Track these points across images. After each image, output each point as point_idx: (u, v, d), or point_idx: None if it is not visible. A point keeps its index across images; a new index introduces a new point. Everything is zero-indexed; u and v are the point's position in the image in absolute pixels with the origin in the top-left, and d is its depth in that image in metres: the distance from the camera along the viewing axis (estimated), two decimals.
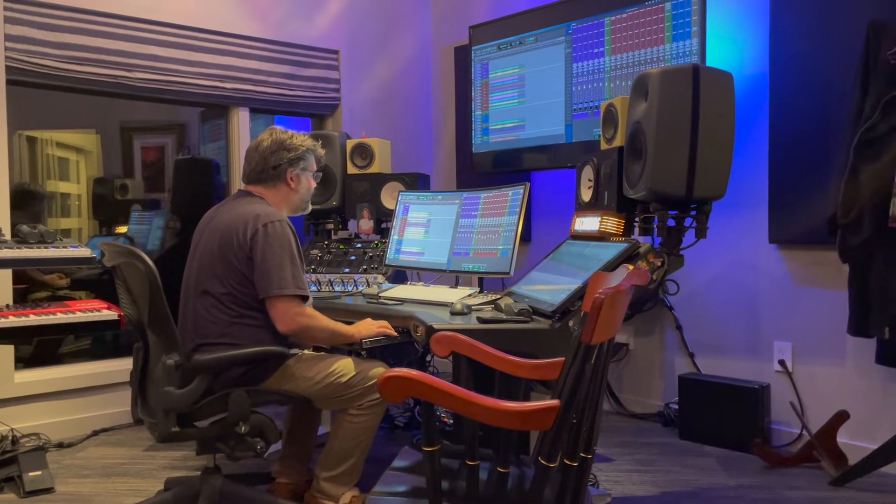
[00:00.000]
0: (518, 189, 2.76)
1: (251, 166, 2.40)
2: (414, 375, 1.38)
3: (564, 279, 2.46)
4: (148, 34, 3.65)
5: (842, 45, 2.86)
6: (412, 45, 4.80)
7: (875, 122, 2.52)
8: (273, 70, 4.11)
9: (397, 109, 4.73)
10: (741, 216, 3.27)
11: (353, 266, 3.31)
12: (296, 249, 2.26)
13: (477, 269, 2.81)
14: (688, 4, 3.16)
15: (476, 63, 4.18)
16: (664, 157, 2.35)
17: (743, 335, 3.36)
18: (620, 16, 3.44)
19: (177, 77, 3.74)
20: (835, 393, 3.03)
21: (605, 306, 1.32)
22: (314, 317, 2.26)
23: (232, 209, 2.32)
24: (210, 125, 4.98)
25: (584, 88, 3.65)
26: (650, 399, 3.72)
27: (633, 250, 2.41)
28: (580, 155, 3.27)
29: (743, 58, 3.28)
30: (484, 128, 4.18)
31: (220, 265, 2.23)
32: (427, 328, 2.16)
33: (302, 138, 2.44)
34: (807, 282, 3.13)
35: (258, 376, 2.24)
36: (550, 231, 3.99)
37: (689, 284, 3.47)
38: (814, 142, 2.99)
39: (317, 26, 4.33)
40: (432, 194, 3.19)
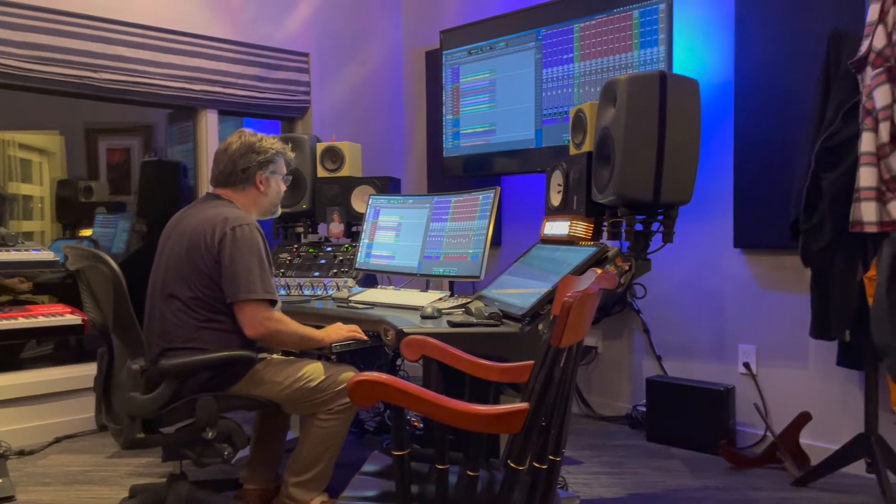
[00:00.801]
0: (488, 193, 2.77)
1: (220, 169, 2.37)
2: (384, 379, 1.37)
3: (534, 283, 2.48)
4: (115, 34, 3.60)
5: (804, 54, 2.93)
6: (383, 48, 4.80)
7: (836, 129, 2.58)
8: (242, 72, 4.08)
9: (368, 113, 4.72)
10: (707, 221, 3.32)
11: (322, 270, 3.29)
12: (264, 253, 2.24)
13: (447, 272, 2.82)
14: (655, 12, 3.21)
15: (447, 67, 4.20)
16: (632, 163, 2.38)
17: (709, 338, 3.41)
18: (589, 22, 3.48)
19: (144, 78, 3.69)
20: (797, 395, 3.09)
21: (574, 309, 1.33)
22: (283, 321, 2.24)
23: (200, 212, 2.29)
24: (178, 127, 4.92)
25: (553, 94, 3.68)
26: (618, 402, 3.76)
27: (601, 254, 2.44)
28: (550, 160, 3.30)
29: (709, 66, 3.34)
30: (455, 132, 4.19)
31: (188, 269, 2.21)
32: (397, 332, 2.16)
33: (271, 141, 2.42)
34: (770, 286, 3.19)
35: (226, 381, 2.22)
36: (521, 235, 4.01)
37: (657, 288, 3.51)
38: (777, 148, 3.05)
39: (287, 29, 4.30)
40: (403, 198, 3.19)
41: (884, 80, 2.42)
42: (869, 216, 2.44)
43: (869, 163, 2.44)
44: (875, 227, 2.44)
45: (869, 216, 2.44)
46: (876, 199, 2.44)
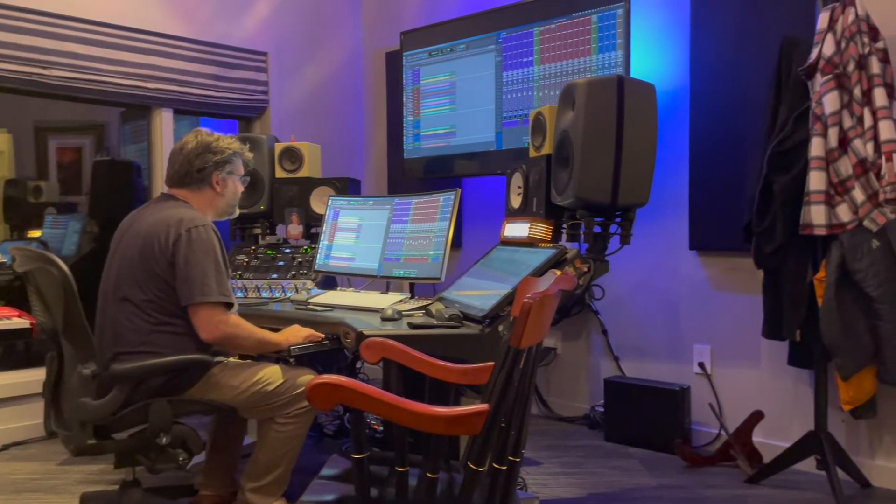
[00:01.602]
0: (449, 195, 2.77)
1: (175, 169, 2.32)
2: (343, 382, 1.36)
3: (494, 284, 2.49)
4: (66, 31, 3.50)
5: (757, 60, 3.00)
6: (343, 49, 4.77)
7: (787, 134, 2.65)
8: (199, 71, 4.01)
9: (327, 113, 4.69)
10: (663, 224, 3.38)
11: (281, 272, 3.25)
12: (220, 255, 2.20)
13: (408, 274, 2.81)
14: (613, 17, 3.25)
15: (407, 69, 4.19)
16: (590, 166, 2.41)
17: (665, 339, 3.47)
18: (549, 26, 3.51)
19: (96, 76, 3.60)
20: (750, 394, 3.16)
21: (534, 311, 1.34)
22: (239, 324, 2.21)
23: (154, 213, 2.24)
24: (131, 126, 4.81)
25: (513, 97, 3.70)
26: (577, 402, 3.79)
27: (560, 256, 2.46)
28: (510, 162, 3.32)
29: (665, 71, 3.39)
30: (415, 134, 4.19)
31: (141, 271, 2.16)
32: (357, 334, 2.14)
33: (229, 141, 2.38)
34: (725, 287, 3.26)
35: (180, 385, 2.17)
36: (481, 236, 4.02)
37: (614, 290, 3.56)
38: (731, 153, 3.12)
39: (245, 27, 4.25)
40: (363, 199, 3.17)
41: (833, 87, 2.49)
42: (818, 219, 2.51)
43: (818, 167, 2.51)
44: (824, 229, 2.51)
45: (818, 219, 2.51)
46: (825, 203, 2.51)
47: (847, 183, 2.49)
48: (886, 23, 2.60)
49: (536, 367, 1.53)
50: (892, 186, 2.39)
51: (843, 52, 2.51)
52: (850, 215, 2.49)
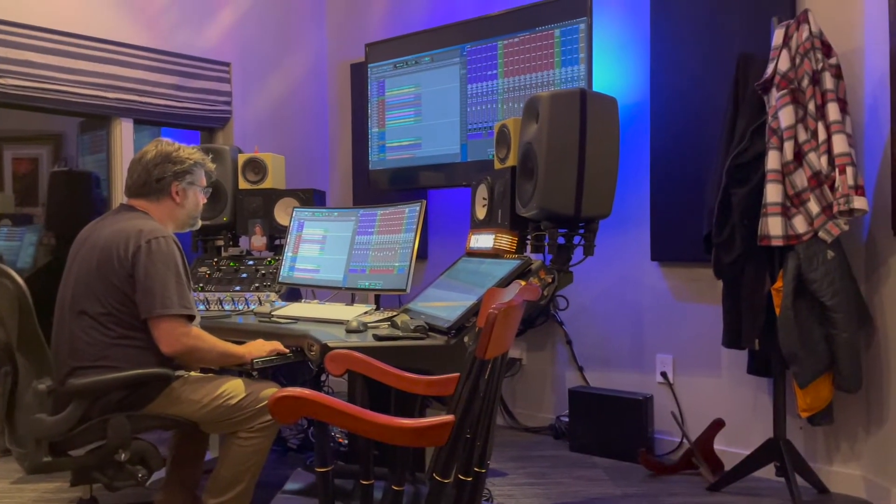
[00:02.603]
0: (414, 206, 2.77)
1: (133, 179, 2.28)
2: (307, 395, 1.35)
3: (460, 295, 2.49)
4: (22, 38, 3.42)
5: (715, 75, 3.07)
6: (307, 60, 4.75)
7: (745, 147, 2.71)
8: (160, 80, 3.95)
9: (292, 124, 4.66)
10: (625, 235, 3.42)
11: (244, 284, 3.21)
12: (182, 267, 2.17)
13: (373, 286, 2.80)
14: (575, 32, 3.30)
15: (372, 81, 4.19)
16: (554, 178, 2.43)
17: (628, 348, 3.51)
18: (513, 40, 3.55)
19: (53, 85, 3.52)
20: (712, 402, 3.21)
21: (498, 321, 1.35)
22: (200, 337, 2.17)
23: (112, 224, 2.20)
24: (90, 136, 4.72)
25: (478, 109, 3.72)
26: (542, 413, 3.81)
27: (525, 267, 2.47)
28: (475, 174, 3.33)
29: (627, 85, 3.45)
30: (381, 145, 4.18)
31: (99, 283, 2.11)
32: (322, 346, 2.13)
33: (190, 151, 2.35)
34: (686, 297, 3.31)
35: (140, 400, 2.12)
36: (447, 248, 4.03)
37: (578, 300, 3.59)
38: (691, 165, 3.18)
39: (207, 37, 4.21)
40: (328, 211, 3.15)
41: (788, 102, 2.56)
42: (775, 230, 2.57)
43: (775, 179, 2.58)
44: (781, 240, 2.57)
45: (775, 230, 2.57)
46: (781, 214, 2.57)
47: (802, 195, 2.56)
48: (839, 39, 2.69)
49: (502, 378, 1.53)
50: (846, 198, 2.46)
51: (797, 68, 2.58)
52: (805, 226, 2.56)
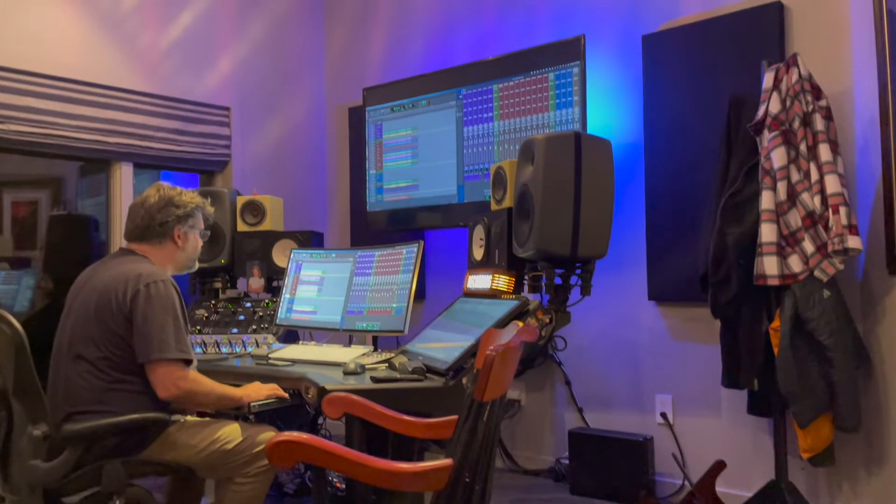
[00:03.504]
0: (412, 247, 2.79)
1: (135, 223, 2.30)
2: (304, 439, 1.34)
3: (458, 336, 2.49)
4: (25, 85, 3.47)
5: (708, 117, 3.11)
6: (306, 103, 4.82)
7: (739, 187, 2.74)
8: (161, 125, 4.00)
9: (290, 167, 4.70)
10: (622, 274, 3.43)
11: (241, 326, 3.21)
12: (179, 310, 2.17)
13: (371, 327, 2.80)
14: (569, 76, 3.36)
15: (370, 124, 4.25)
16: (550, 219, 2.46)
17: (627, 389, 3.49)
18: (508, 83, 3.61)
19: (55, 130, 3.56)
20: (712, 443, 3.18)
21: (496, 363, 1.35)
22: (197, 381, 2.16)
23: (111, 268, 2.21)
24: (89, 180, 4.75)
25: (474, 151, 3.77)
26: (542, 454, 3.76)
27: (522, 307, 2.48)
28: (472, 214, 3.36)
29: (621, 126, 3.50)
30: (378, 187, 4.22)
31: (97, 327, 2.11)
32: (319, 389, 2.12)
33: (191, 195, 2.37)
34: (684, 337, 3.31)
35: (136, 446, 2.10)
36: (444, 288, 4.03)
37: (576, 340, 3.58)
38: (685, 205, 3.21)
39: (207, 83, 4.27)
40: (326, 252, 3.17)
41: (780, 143, 2.60)
42: (771, 270, 2.58)
43: (769, 219, 2.60)
44: (777, 279, 2.58)
45: (771, 270, 2.58)
46: (777, 254, 2.58)
47: (797, 234, 2.58)
48: (828, 82, 2.74)
49: (500, 420, 1.53)
50: (840, 238, 2.48)
51: (788, 110, 2.63)
52: (801, 266, 2.57)
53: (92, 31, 3.76)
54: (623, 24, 3.49)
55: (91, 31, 3.75)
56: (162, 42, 4.05)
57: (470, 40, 4.08)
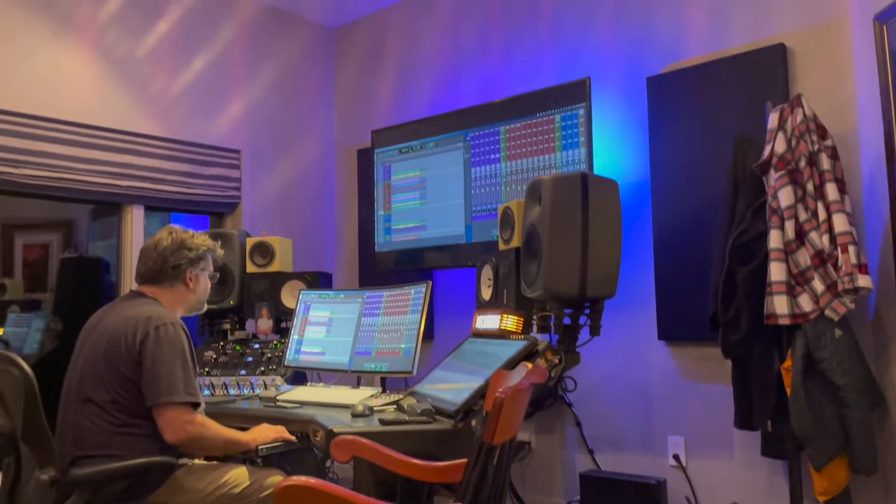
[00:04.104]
0: (420, 287, 2.79)
1: (148, 266, 2.32)
2: (312, 483, 1.33)
3: (467, 377, 2.48)
4: (40, 130, 3.53)
5: (713, 156, 3.13)
6: (315, 146, 4.88)
7: (746, 226, 2.74)
8: (172, 168, 4.05)
9: (299, 208, 4.74)
10: (631, 314, 3.42)
11: (250, 368, 3.20)
12: (188, 353, 2.17)
13: (379, 368, 2.79)
14: (575, 117, 3.40)
15: (378, 165, 4.29)
16: (558, 259, 2.46)
17: (638, 430, 3.44)
18: (514, 125, 3.65)
19: (68, 174, 3.62)
20: (726, 485, 3.12)
21: (506, 405, 1.34)
22: (205, 425, 2.15)
23: (122, 311, 2.22)
24: (101, 222, 4.80)
25: (482, 192, 3.79)
26: (553, 498, 3.70)
27: (531, 348, 2.47)
28: (480, 254, 3.37)
29: (627, 166, 3.52)
30: (386, 227, 4.24)
31: (106, 370, 2.11)
32: (327, 432, 2.10)
33: (202, 238, 2.40)
34: (695, 377, 3.28)
35: (143, 490, 2.09)
36: (453, 328, 4.02)
37: (586, 381, 3.55)
38: (693, 244, 3.20)
39: (218, 126, 4.34)
40: (334, 293, 3.18)
41: (786, 182, 2.60)
42: (781, 309, 2.57)
43: (778, 258, 2.59)
44: (788, 319, 2.57)
45: (781, 309, 2.57)
46: (787, 293, 2.57)
47: (806, 273, 2.57)
48: (833, 121, 2.76)
49: (510, 463, 1.51)
50: (850, 277, 2.47)
51: (794, 150, 2.64)
52: (811, 305, 2.56)
53: (106, 77, 3.84)
54: (627, 67, 3.53)
55: (105, 77, 3.83)
56: (174, 87, 4.13)
57: (476, 83, 4.14)
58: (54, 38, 3.63)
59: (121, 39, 3.89)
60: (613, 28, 3.61)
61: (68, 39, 3.69)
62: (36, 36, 3.58)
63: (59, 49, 3.66)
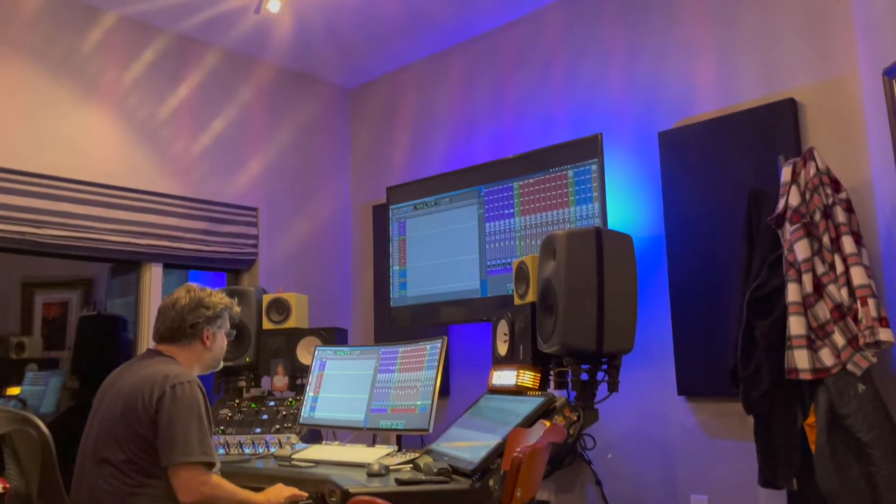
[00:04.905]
0: (436, 343, 2.79)
1: (166, 324, 2.33)
2: None
3: (484, 435, 2.45)
4: (63, 192, 3.61)
5: (727, 209, 3.13)
6: (331, 202, 4.94)
7: (763, 280, 2.72)
8: (190, 226, 4.11)
9: (315, 264, 4.78)
10: (650, 369, 3.38)
11: (265, 426, 3.18)
12: (204, 412, 2.17)
13: (395, 426, 2.76)
14: (588, 172, 3.43)
15: (393, 221, 4.33)
16: (574, 314, 2.45)
17: (660, 488, 3.36)
18: (528, 181, 3.69)
19: (89, 234, 3.68)
20: None
21: (524, 465, 1.32)
22: (220, 486, 2.13)
23: (138, 370, 2.23)
24: (119, 280, 4.85)
25: (496, 246, 3.81)
26: None
27: (549, 405, 2.44)
28: (495, 309, 3.36)
29: (641, 220, 3.53)
30: (402, 283, 4.25)
31: (122, 430, 2.11)
32: (342, 492, 2.08)
33: (220, 296, 2.42)
34: (717, 433, 3.21)
35: None
36: (469, 383, 3.98)
37: (606, 438, 3.49)
38: (710, 297, 3.18)
39: (237, 184, 4.41)
40: (350, 349, 3.17)
41: (802, 235, 2.60)
42: (802, 363, 2.53)
43: (797, 312, 2.57)
44: (809, 374, 2.53)
45: (802, 363, 2.53)
46: (807, 347, 2.54)
47: (826, 327, 2.54)
48: (846, 174, 2.76)
49: None
50: (870, 330, 2.44)
51: (808, 203, 2.64)
52: (833, 359, 2.52)
53: (128, 139, 3.93)
54: (639, 122, 3.58)
55: (128, 138, 3.93)
56: (194, 147, 4.22)
57: (490, 139, 4.21)
58: (80, 102, 3.75)
59: (144, 102, 4.01)
60: (624, 84, 3.67)
61: (93, 103, 3.81)
62: (63, 100, 3.69)
63: (85, 113, 3.78)
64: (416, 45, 4.48)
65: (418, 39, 4.39)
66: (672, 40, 3.51)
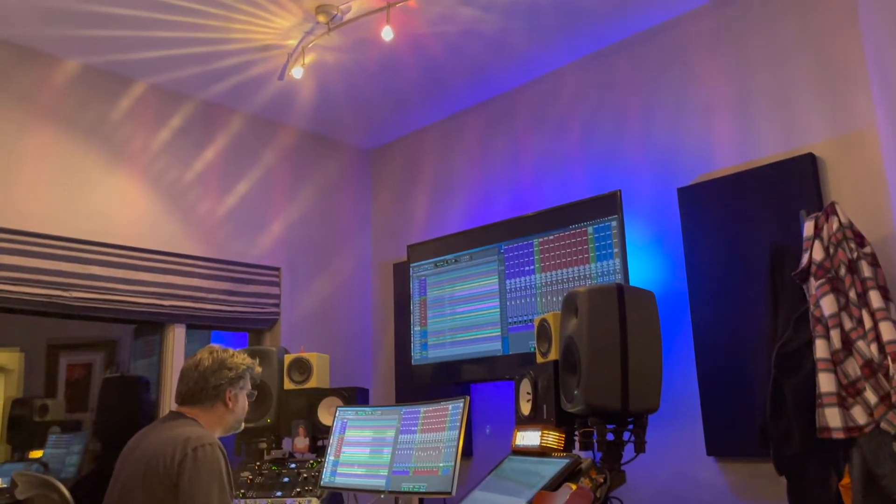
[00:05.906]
0: (458, 402, 2.76)
1: (188, 386, 2.34)
2: None
3: (508, 499, 2.40)
4: (89, 255, 3.68)
5: (750, 264, 3.11)
6: (352, 261, 4.98)
7: (790, 336, 2.68)
8: (213, 287, 4.15)
9: (336, 323, 4.79)
10: (678, 429, 3.30)
11: (286, 489, 3.14)
12: (226, 476, 2.15)
13: (417, 489, 2.72)
14: (608, 229, 3.43)
15: (414, 279, 4.34)
16: (598, 372, 2.42)
17: None
18: (547, 237, 3.70)
19: (114, 295, 3.73)
20: None
21: None
22: None
23: (161, 433, 2.22)
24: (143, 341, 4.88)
25: (517, 303, 3.80)
26: None
27: (574, 466, 2.39)
28: (517, 367, 3.33)
29: (664, 276, 3.51)
30: (423, 343, 4.24)
31: (143, 494, 2.09)
32: None
33: (242, 357, 2.43)
34: (748, 495, 3.11)
35: None
36: (493, 443, 3.92)
37: (634, 500, 3.38)
38: (736, 354, 3.13)
39: (259, 245, 4.47)
40: (371, 409, 3.15)
41: (828, 290, 2.56)
42: (834, 422, 2.46)
43: (826, 369, 2.51)
44: (842, 433, 2.46)
45: (834, 422, 2.46)
46: (838, 405, 2.48)
47: (857, 384, 2.48)
48: (870, 228, 2.74)
49: None
50: None
51: (832, 258, 2.62)
52: (865, 417, 2.45)
53: (155, 203, 4.02)
54: (658, 179, 3.59)
55: (154, 202, 4.02)
56: (219, 209, 4.30)
57: (509, 197, 4.24)
58: (109, 167, 3.85)
59: (170, 166, 4.11)
60: (642, 141, 3.70)
61: (122, 168, 3.91)
62: (92, 166, 3.80)
63: (114, 178, 3.87)
64: (433, 107, 4.57)
65: (436, 102, 4.48)
66: (688, 98, 3.55)
